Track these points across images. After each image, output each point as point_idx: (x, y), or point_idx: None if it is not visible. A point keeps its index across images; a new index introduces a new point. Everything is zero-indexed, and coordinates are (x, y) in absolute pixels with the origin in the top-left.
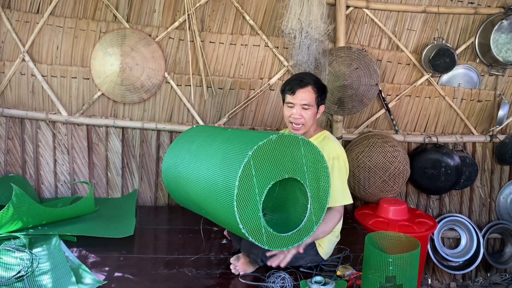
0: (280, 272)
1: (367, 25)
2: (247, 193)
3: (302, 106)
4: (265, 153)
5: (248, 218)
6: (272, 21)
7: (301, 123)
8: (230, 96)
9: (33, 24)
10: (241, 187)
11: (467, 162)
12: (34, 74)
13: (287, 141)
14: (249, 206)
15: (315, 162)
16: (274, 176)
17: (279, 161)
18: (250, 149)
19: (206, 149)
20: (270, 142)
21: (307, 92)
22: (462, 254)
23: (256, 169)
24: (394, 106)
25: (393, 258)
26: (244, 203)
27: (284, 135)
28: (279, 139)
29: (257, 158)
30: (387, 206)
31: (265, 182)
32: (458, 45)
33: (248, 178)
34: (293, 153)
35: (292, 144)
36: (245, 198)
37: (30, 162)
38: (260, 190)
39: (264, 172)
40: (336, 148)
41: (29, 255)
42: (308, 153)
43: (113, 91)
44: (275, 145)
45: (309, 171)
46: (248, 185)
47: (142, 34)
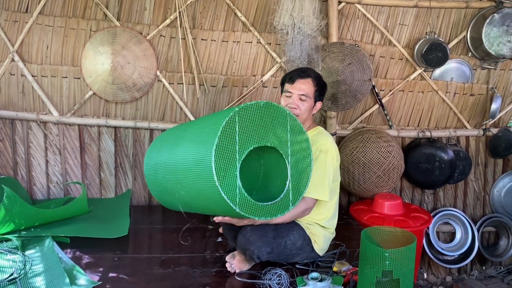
0: (276, 269)
1: (360, 20)
2: (227, 149)
3: (300, 97)
4: (251, 115)
5: (225, 176)
6: (264, 17)
7: (296, 113)
8: (223, 94)
9: (22, 23)
10: (223, 139)
11: (460, 156)
12: (24, 74)
13: (275, 112)
14: (227, 163)
15: (300, 143)
16: (257, 141)
17: (264, 128)
18: (237, 107)
19: (184, 133)
20: (258, 106)
21: (306, 83)
22: (457, 248)
23: (240, 127)
24: (388, 101)
25: (390, 252)
26: (223, 159)
27: (274, 104)
28: (268, 106)
29: (242, 116)
30: (382, 201)
31: (247, 144)
32: (450, 39)
33: (230, 133)
34: (279, 125)
35: (279, 116)
36: (225, 153)
37: (22, 164)
38: (241, 149)
39: (248, 134)
40: (327, 143)
41: (22, 257)
42: (294, 131)
43: (104, 90)
44: (262, 111)
45: (293, 149)
46: (230, 141)
47: (133, 32)
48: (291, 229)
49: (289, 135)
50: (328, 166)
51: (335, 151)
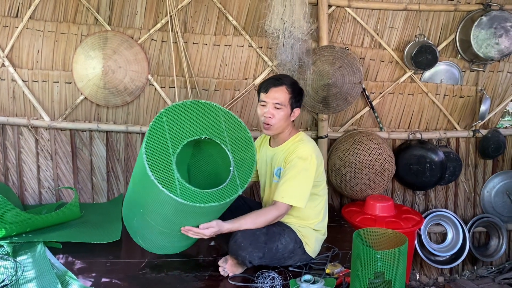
0: (270, 272)
1: (350, 23)
2: (161, 147)
3: (275, 105)
4: (180, 114)
5: (163, 171)
6: (255, 21)
7: (272, 123)
8: (215, 97)
9: (12, 28)
10: (154, 138)
11: (451, 158)
12: (15, 79)
13: (205, 108)
14: (163, 160)
15: (237, 131)
16: (189, 134)
17: (196, 124)
18: (164, 108)
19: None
20: (185, 105)
21: (280, 91)
22: (449, 248)
23: (169, 125)
24: (378, 103)
25: (381, 254)
26: (158, 156)
27: (202, 102)
28: (195, 103)
29: (170, 115)
30: (373, 203)
31: (180, 139)
32: (439, 41)
33: (160, 132)
34: (211, 119)
35: (209, 111)
36: (159, 151)
37: (13, 169)
38: (174, 145)
39: (179, 130)
40: (306, 150)
41: (13, 264)
42: (228, 122)
43: (96, 95)
44: (191, 109)
45: (231, 137)
46: (162, 139)
47: (124, 37)
48: (282, 232)
49: (224, 126)
50: (304, 172)
51: (315, 158)
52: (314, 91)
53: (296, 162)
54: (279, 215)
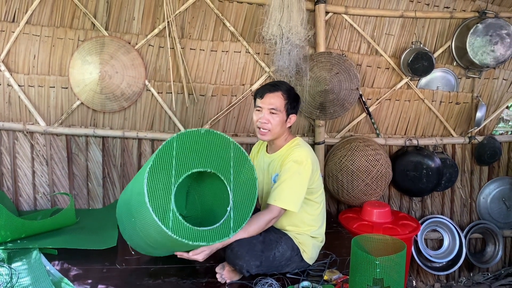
0: (268, 279)
1: (347, 30)
2: (163, 173)
3: (270, 111)
4: (191, 142)
5: (160, 199)
6: (253, 27)
7: (267, 128)
8: (212, 103)
9: (8, 33)
10: (159, 163)
11: (447, 164)
12: (11, 84)
13: (217, 139)
14: (163, 187)
15: (244, 170)
16: (195, 165)
17: (204, 155)
18: (177, 134)
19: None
20: (198, 133)
21: (276, 97)
22: (445, 255)
23: (177, 152)
24: (375, 110)
25: (380, 260)
26: (158, 182)
27: (216, 132)
28: (209, 133)
29: (181, 142)
30: (370, 209)
31: (185, 168)
32: (435, 48)
33: (167, 157)
34: (222, 152)
35: (222, 144)
36: (161, 177)
37: (8, 174)
38: (177, 173)
39: (186, 159)
40: (301, 154)
41: (8, 270)
42: (238, 160)
43: (92, 100)
44: (203, 138)
45: (236, 176)
46: (166, 166)
47: (122, 42)
48: (279, 240)
49: (232, 163)
50: (298, 176)
51: (311, 161)
52: (311, 97)
53: (290, 166)
54: (272, 219)
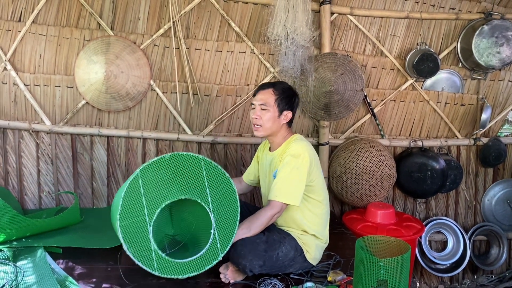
0: (271, 279)
1: (352, 31)
2: (135, 213)
3: (261, 107)
4: (158, 172)
5: (138, 242)
6: (258, 27)
7: (259, 123)
8: (217, 103)
9: (15, 32)
10: (127, 205)
11: (452, 166)
12: (17, 83)
13: (186, 161)
14: (138, 229)
15: (220, 184)
16: (168, 195)
17: (175, 181)
18: (139, 169)
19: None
20: (163, 160)
21: (266, 93)
22: (449, 256)
23: (146, 188)
24: (380, 111)
25: (385, 261)
26: (132, 223)
27: (181, 154)
28: (175, 157)
29: (147, 176)
30: (375, 211)
31: (158, 202)
32: (441, 50)
33: (136, 197)
34: (193, 172)
35: (191, 164)
36: (134, 220)
37: (13, 173)
38: (151, 211)
39: (157, 192)
40: (299, 147)
41: (13, 268)
42: (212, 175)
43: (97, 100)
44: (170, 164)
45: (214, 194)
46: (136, 205)
47: (127, 42)
48: (282, 240)
49: (207, 182)
50: (297, 170)
51: (308, 156)
52: (316, 98)
53: (288, 160)
54: (274, 214)
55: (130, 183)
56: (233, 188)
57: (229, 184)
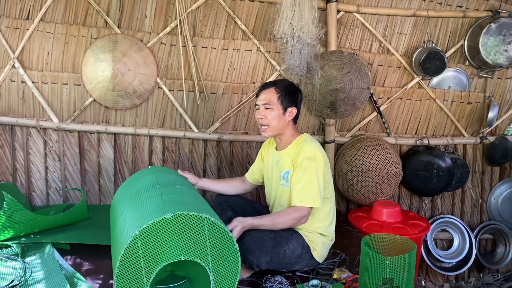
0: (277, 276)
1: (358, 29)
2: (132, 273)
3: (265, 106)
4: (158, 232)
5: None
6: (264, 25)
7: (265, 123)
8: (223, 101)
9: (23, 30)
10: (124, 267)
11: (458, 164)
12: (25, 81)
13: (187, 220)
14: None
15: (223, 245)
16: (167, 256)
17: (175, 240)
18: (138, 228)
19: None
20: (165, 220)
21: (269, 92)
22: (455, 255)
23: (144, 249)
24: (386, 109)
25: (390, 260)
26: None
27: (184, 214)
28: (177, 218)
29: (147, 237)
30: (380, 209)
31: (156, 262)
32: (447, 48)
33: (134, 258)
34: (194, 230)
35: (193, 224)
36: (130, 279)
37: (21, 170)
38: (148, 272)
39: (156, 252)
40: (312, 149)
41: (22, 264)
42: (215, 235)
43: (105, 97)
44: (171, 224)
45: (215, 253)
46: (134, 265)
47: (134, 40)
48: (290, 237)
49: (208, 242)
50: (315, 171)
51: (321, 156)
52: (322, 96)
53: (306, 164)
54: (300, 218)
55: (128, 246)
56: (235, 248)
57: (231, 244)
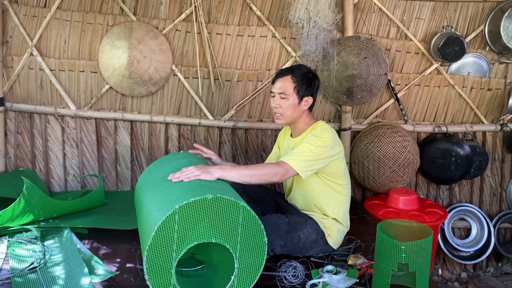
0: (292, 262)
1: (375, 14)
2: (163, 246)
3: (280, 95)
4: (195, 210)
5: (159, 272)
6: (279, 11)
7: (279, 112)
8: (238, 88)
9: (40, 18)
10: (158, 239)
11: (477, 152)
12: (42, 69)
13: (224, 205)
14: (163, 260)
15: (253, 235)
16: (199, 236)
17: (209, 222)
18: (179, 203)
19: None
20: (205, 201)
21: (285, 81)
22: (473, 244)
23: (180, 225)
24: (403, 95)
25: (406, 245)
26: (158, 256)
27: (223, 198)
28: (216, 200)
29: (184, 212)
30: (397, 196)
31: (187, 240)
32: (467, 33)
33: (168, 231)
34: (228, 216)
35: (229, 209)
36: (160, 251)
37: (40, 157)
38: (179, 247)
39: (189, 230)
40: (322, 131)
41: (41, 247)
42: (247, 224)
43: (121, 85)
44: (209, 205)
45: (244, 242)
46: (167, 239)
47: (149, 27)
48: (304, 222)
49: (240, 229)
50: (314, 147)
51: (330, 141)
52: (338, 82)
53: (310, 138)
54: (276, 173)
55: (166, 217)
56: (264, 241)
57: (261, 236)
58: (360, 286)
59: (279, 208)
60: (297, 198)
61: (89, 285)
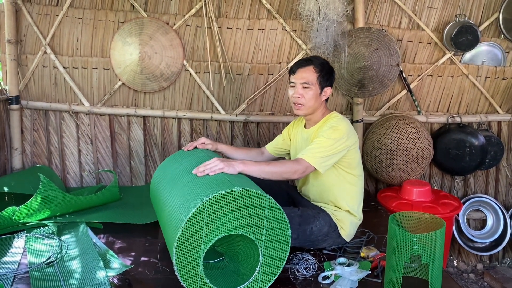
0: (304, 254)
1: (386, 4)
2: (192, 238)
3: (303, 85)
4: (223, 203)
5: (188, 263)
6: (289, 4)
7: (301, 102)
8: (249, 82)
9: (53, 16)
10: (187, 230)
11: (492, 142)
12: (56, 66)
13: (251, 197)
14: (192, 251)
15: (278, 228)
16: (226, 228)
17: (236, 214)
18: (208, 195)
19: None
20: (233, 194)
21: (307, 71)
22: (489, 235)
23: (209, 216)
24: (416, 86)
25: (418, 237)
26: (186, 247)
27: (250, 190)
28: (244, 193)
29: (213, 204)
30: (410, 188)
31: (215, 232)
32: (481, 21)
33: (197, 222)
34: (254, 209)
35: (256, 201)
36: (189, 243)
37: (56, 153)
38: (207, 239)
39: (217, 221)
40: (337, 122)
41: (58, 242)
42: (272, 217)
43: (133, 81)
44: (237, 198)
45: (269, 234)
46: (196, 230)
47: (160, 23)
48: (317, 215)
49: (266, 221)
50: (331, 140)
51: (346, 132)
52: (350, 74)
53: (326, 131)
54: (296, 171)
55: (196, 209)
56: (288, 233)
57: (286, 228)
58: (373, 278)
59: (291, 200)
60: (311, 189)
61: (105, 278)
